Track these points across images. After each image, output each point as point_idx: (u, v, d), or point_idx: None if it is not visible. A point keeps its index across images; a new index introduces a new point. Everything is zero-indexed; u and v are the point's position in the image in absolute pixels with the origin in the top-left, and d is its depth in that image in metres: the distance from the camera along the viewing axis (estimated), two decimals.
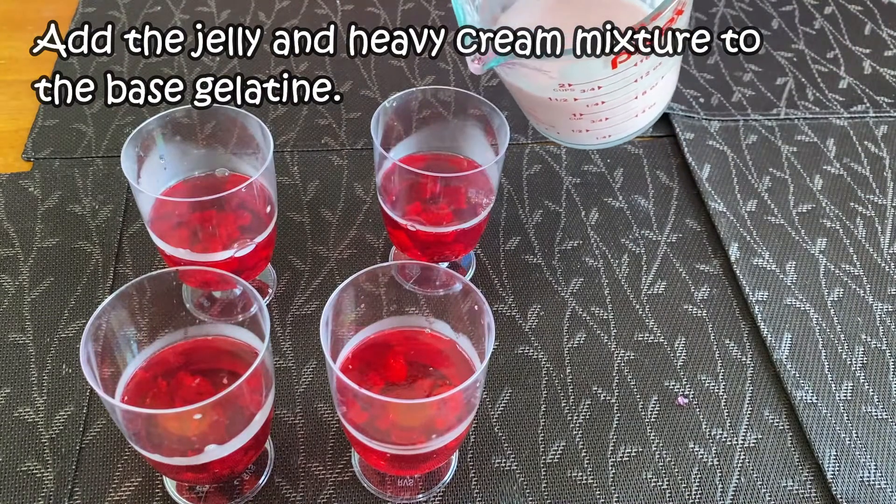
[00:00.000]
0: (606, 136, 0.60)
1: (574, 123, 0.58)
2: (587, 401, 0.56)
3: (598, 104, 0.55)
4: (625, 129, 0.59)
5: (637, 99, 0.56)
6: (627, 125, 0.59)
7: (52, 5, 0.86)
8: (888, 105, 0.79)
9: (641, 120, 0.59)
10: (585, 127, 0.58)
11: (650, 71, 0.54)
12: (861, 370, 0.58)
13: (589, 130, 0.59)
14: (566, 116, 0.58)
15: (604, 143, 0.61)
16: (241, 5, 0.86)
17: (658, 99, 0.59)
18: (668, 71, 0.57)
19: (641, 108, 0.58)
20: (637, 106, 0.57)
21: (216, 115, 0.56)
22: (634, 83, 0.54)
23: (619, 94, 0.55)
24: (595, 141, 0.60)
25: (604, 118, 0.57)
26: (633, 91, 0.55)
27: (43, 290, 0.60)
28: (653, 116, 0.60)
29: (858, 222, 0.68)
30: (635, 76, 0.54)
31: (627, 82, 0.54)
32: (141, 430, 0.44)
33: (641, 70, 0.53)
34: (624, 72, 0.52)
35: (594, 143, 0.61)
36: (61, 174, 0.68)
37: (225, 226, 0.54)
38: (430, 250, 0.59)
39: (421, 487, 0.51)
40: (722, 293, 0.63)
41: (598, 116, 0.57)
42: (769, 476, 0.53)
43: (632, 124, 0.59)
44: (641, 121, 0.60)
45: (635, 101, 0.56)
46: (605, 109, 0.56)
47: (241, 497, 0.50)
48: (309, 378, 0.56)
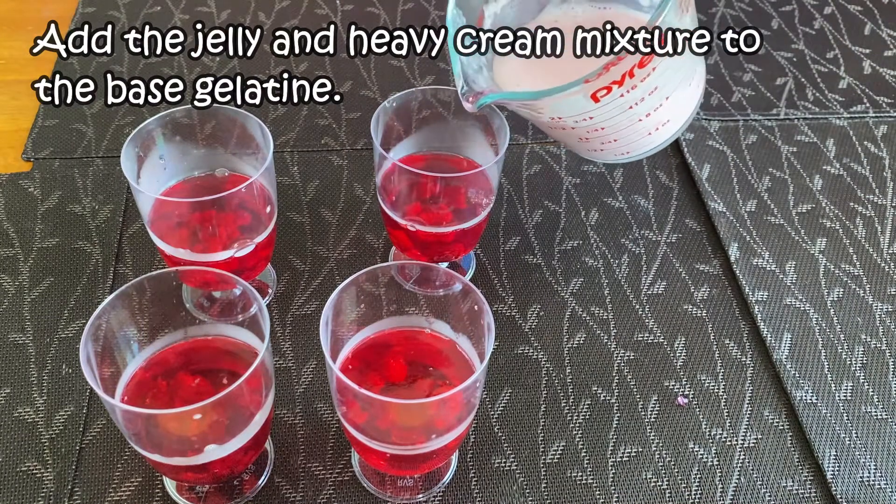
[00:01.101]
0: (625, 153, 0.57)
1: (585, 145, 0.56)
2: (587, 401, 0.56)
3: (597, 130, 0.53)
4: (642, 146, 0.56)
5: (642, 121, 0.53)
6: (643, 143, 0.56)
7: (52, 5, 0.86)
8: (888, 105, 0.79)
9: (657, 137, 0.56)
10: (597, 147, 0.56)
11: (645, 97, 0.51)
12: (861, 370, 0.58)
13: (603, 150, 0.56)
14: (574, 140, 0.56)
15: (626, 158, 0.58)
16: (241, 5, 0.86)
17: (671, 116, 0.55)
18: (673, 91, 0.53)
19: (654, 127, 0.55)
20: (646, 126, 0.54)
21: (216, 115, 0.56)
22: (630, 110, 0.51)
23: (615, 120, 0.52)
24: (615, 157, 0.58)
25: (612, 140, 0.55)
26: (633, 115, 0.52)
27: (43, 291, 0.60)
28: (672, 132, 0.57)
29: (858, 222, 0.68)
30: (628, 103, 0.51)
31: (621, 110, 0.51)
32: (141, 430, 0.44)
33: (634, 97, 0.50)
34: (610, 103, 0.50)
35: (615, 159, 0.58)
36: (61, 174, 0.68)
37: (225, 226, 0.54)
38: (430, 250, 0.59)
39: (421, 487, 0.51)
40: (722, 293, 0.63)
41: (606, 139, 0.54)
42: (769, 476, 0.53)
43: (648, 141, 0.56)
44: (658, 137, 0.56)
45: (640, 123, 0.53)
46: (610, 133, 0.54)
47: (241, 497, 0.50)
48: (309, 378, 0.56)
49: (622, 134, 0.54)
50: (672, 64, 0.50)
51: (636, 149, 0.57)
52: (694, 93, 0.56)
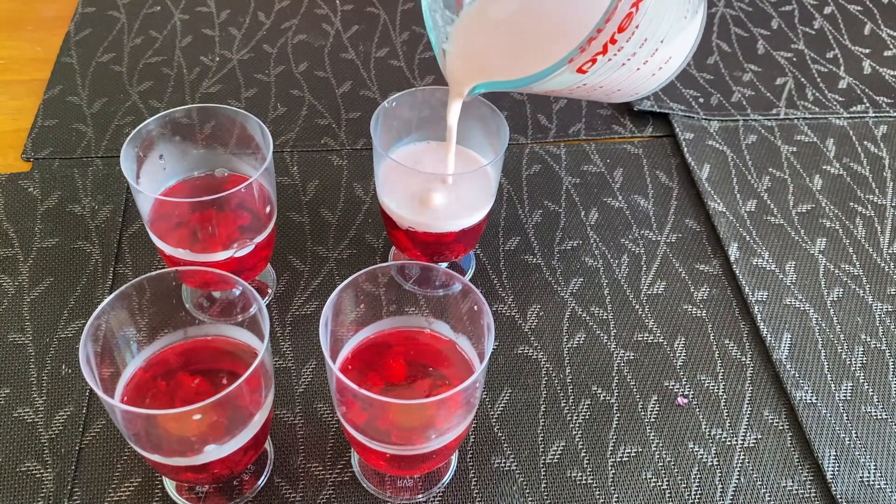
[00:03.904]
0: (634, 93, 0.57)
1: (592, 98, 0.56)
2: (587, 401, 0.56)
3: (597, 88, 0.53)
4: (648, 85, 0.56)
5: (640, 69, 0.52)
6: (650, 83, 0.56)
7: (52, 5, 0.86)
8: (888, 105, 0.79)
9: (663, 74, 0.56)
10: (605, 98, 0.56)
11: (636, 51, 0.50)
12: (861, 370, 0.58)
13: (611, 97, 0.56)
14: (579, 97, 0.55)
15: (636, 96, 0.57)
16: (241, 5, 0.86)
17: (672, 53, 0.54)
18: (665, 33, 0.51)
19: (657, 67, 0.54)
20: (646, 72, 0.53)
21: (216, 115, 0.56)
22: (623, 66, 0.51)
23: (612, 77, 0.51)
24: (628, 97, 0.57)
25: (616, 90, 0.54)
26: (629, 69, 0.51)
27: (42, 291, 0.60)
28: (675, 67, 0.56)
29: (858, 222, 0.68)
30: (620, 62, 0.50)
31: (614, 69, 0.50)
32: (140, 430, 0.44)
33: (623, 56, 0.49)
34: (599, 69, 0.49)
35: (628, 98, 0.58)
36: (61, 174, 0.68)
37: (224, 226, 0.54)
38: (429, 250, 0.59)
39: (421, 487, 0.51)
40: (721, 293, 0.63)
41: (609, 90, 0.54)
42: (769, 476, 0.53)
43: (654, 80, 0.56)
44: (663, 74, 0.56)
45: (638, 71, 0.52)
46: (612, 85, 0.53)
47: (240, 497, 0.50)
48: (308, 378, 0.56)
49: (624, 83, 0.53)
50: (655, 14, 0.48)
51: (643, 88, 0.56)
52: (692, 24, 0.55)
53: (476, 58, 0.55)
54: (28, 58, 0.80)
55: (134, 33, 0.82)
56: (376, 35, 0.84)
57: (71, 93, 0.75)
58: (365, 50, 0.82)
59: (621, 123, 0.76)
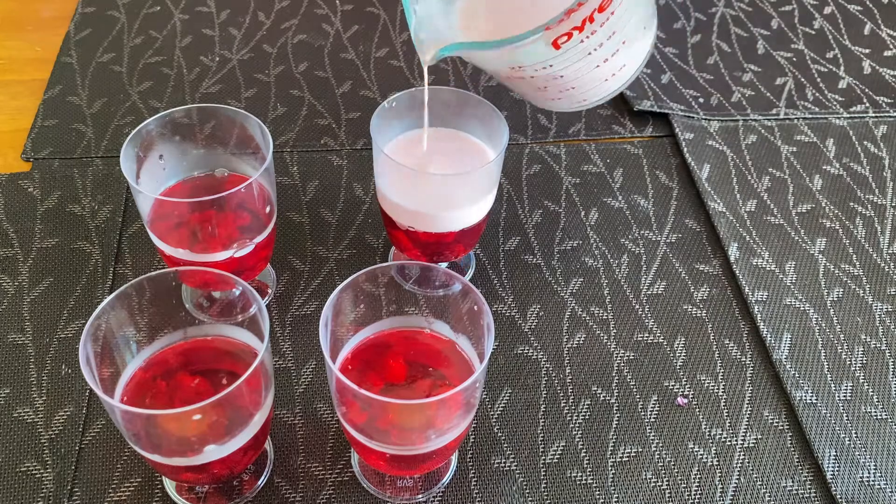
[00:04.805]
0: (583, 101, 0.59)
1: (543, 94, 0.57)
2: (587, 401, 0.56)
3: (556, 78, 0.54)
4: (599, 92, 0.58)
5: (600, 67, 0.55)
6: (600, 89, 0.58)
7: (52, 5, 0.86)
8: (888, 105, 0.79)
9: (613, 83, 0.58)
10: (555, 96, 0.57)
11: (604, 42, 0.52)
12: (861, 370, 0.58)
13: (560, 98, 0.58)
14: (531, 90, 0.57)
15: (581, 105, 0.60)
16: (241, 5, 0.86)
17: (627, 61, 0.57)
18: (629, 35, 0.55)
19: (610, 73, 0.56)
20: (603, 72, 0.56)
21: (216, 114, 0.56)
22: (589, 56, 0.53)
23: (575, 67, 0.53)
24: (571, 105, 0.60)
25: (570, 87, 0.56)
26: (592, 62, 0.54)
27: (42, 291, 0.60)
28: (626, 77, 0.59)
29: (858, 222, 0.68)
30: (588, 49, 0.52)
31: (580, 56, 0.52)
32: (140, 430, 0.44)
33: (593, 43, 0.51)
34: (571, 50, 0.51)
35: (571, 107, 0.60)
36: (61, 174, 0.68)
37: (224, 226, 0.54)
38: (429, 250, 0.59)
39: (421, 488, 0.51)
40: (721, 293, 0.63)
41: (564, 87, 0.56)
42: (769, 476, 0.53)
43: (605, 87, 0.58)
44: (614, 83, 0.58)
45: (598, 69, 0.55)
46: (569, 81, 0.55)
47: (240, 497, 0.50)
48: (308, 378, 0.56)
49: (581, 81, 0.55)
50: (629, 6, 0.51)
51: (593, 95, 0.58)
52: (647, 36, 0.58)
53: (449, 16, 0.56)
54: (28, 58, 0.80)
55: (134, 33, 0.82)
56: (376, 35, 0.84)
57: (71, 93, 0.75)
58: (365, 50, 0.82)
59: (621, 123, 0.76)
